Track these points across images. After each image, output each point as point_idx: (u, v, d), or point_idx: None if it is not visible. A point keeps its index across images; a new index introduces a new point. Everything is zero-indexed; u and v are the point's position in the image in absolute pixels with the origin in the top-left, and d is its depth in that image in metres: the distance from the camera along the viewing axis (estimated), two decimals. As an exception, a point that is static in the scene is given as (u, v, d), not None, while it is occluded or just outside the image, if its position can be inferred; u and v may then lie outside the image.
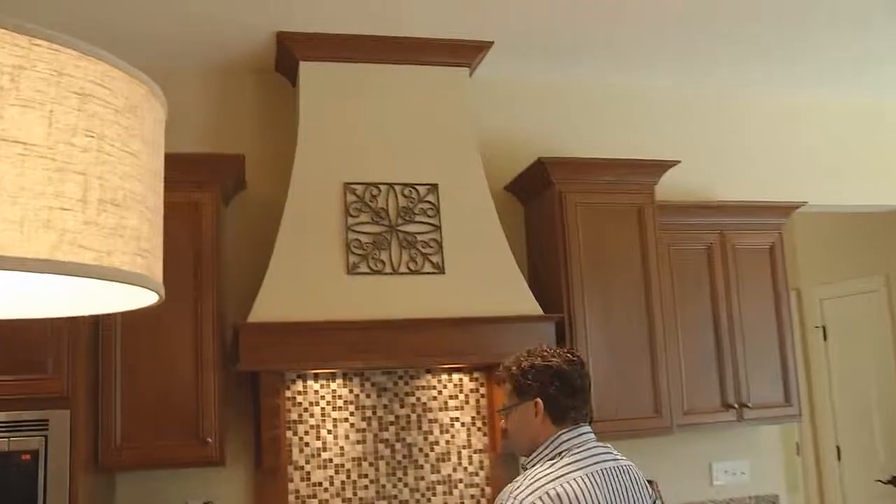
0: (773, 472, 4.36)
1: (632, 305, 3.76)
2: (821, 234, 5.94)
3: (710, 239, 3.99)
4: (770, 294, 4.08)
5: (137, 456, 3.21)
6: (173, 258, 3.22)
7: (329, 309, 3.37)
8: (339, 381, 3.79)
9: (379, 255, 3.52)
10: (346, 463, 3.75)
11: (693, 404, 3.84)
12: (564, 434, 2.06)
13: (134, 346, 3.23)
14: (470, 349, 3.45)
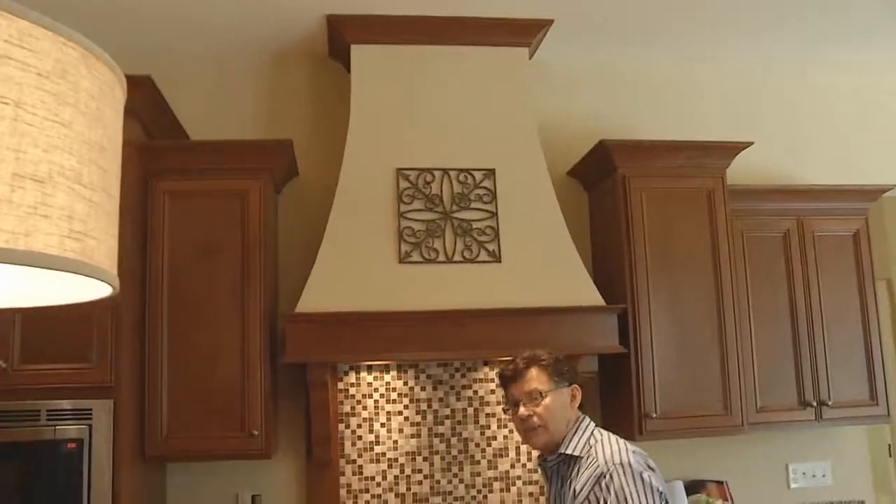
0: (858, 476, 4.07)
1: (701, 296, 3.54)
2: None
3: (787, 225, 3.73)
4: (854, 284, 3.78)
5: (183, 447, 3.16)
6: (220, 248, 3.22)
7: (379, 299, 3.26)
8: (393, 374, 3.68)
9: (432, 243, 3.39)
10: (400, 457, 3.65)
11: (767, 402, 3.60)
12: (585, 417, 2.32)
13: (181, 337, 3.18)
14: (527, 341, 3.24)
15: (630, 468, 2.05)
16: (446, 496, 3.66)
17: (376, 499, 3.62)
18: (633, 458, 2.09)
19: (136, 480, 3.05)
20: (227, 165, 3.32)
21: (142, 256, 3.19)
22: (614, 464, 2.07)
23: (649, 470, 2.10)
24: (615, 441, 2.18)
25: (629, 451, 2.12)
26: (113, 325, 2.94)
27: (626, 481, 2.04)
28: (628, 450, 2.12)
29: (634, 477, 2.04)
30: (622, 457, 2.09)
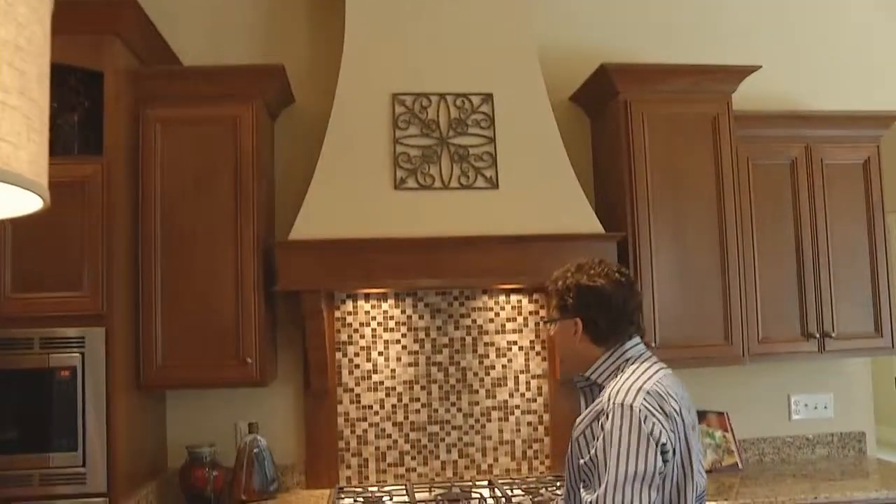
0: (859, 408, 4.04)
1: (704, 225, 3.47)
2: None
3: (795, 153, 3.63)
4: (863, 215, 3.69)
5: (178, 375, 3.16)
6: (213, 176, 3.18)
7: (374, 226, 3.22)
8: (391, 302, 3.65)
9: (428, 169, 3.33)
10: (398, 386, 3.64)
11: (769, 333, 3.55)
12: (628, 343, 2.10)
13: (175, 265, 3.16)
14: (524, 269, 3.25)
15: (630, 411, 1.87)
16: (444, 425, 3.66)
17: (374, 427, 3.62)
18: (639, 401, 1.89)
19: (132, 408, 3.06)
20: (218, 92, 3.25)
21: (134, 185, 3.16)
22: (615, 403, 1.90)
23: (661, 415, 1.89)
24: (637, 377, 1.97)
25: (642, 390, 1.91)
26: (104, 254, 2.91)
27: (621, 424, 1.87)
28: (641, 389, 1.91)
29: (632, 422, 1.86)
30: (627, 397, 1.90)
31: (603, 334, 2.09)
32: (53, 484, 2.84)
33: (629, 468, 1.83)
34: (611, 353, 2.08)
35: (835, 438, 3.97)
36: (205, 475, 3.22)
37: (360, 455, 3.61)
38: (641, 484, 1.83)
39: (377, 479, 3.61)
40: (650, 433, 1.85)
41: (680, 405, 1.96)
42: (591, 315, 2.08)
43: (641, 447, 1.85)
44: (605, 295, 2.07)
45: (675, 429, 1.91)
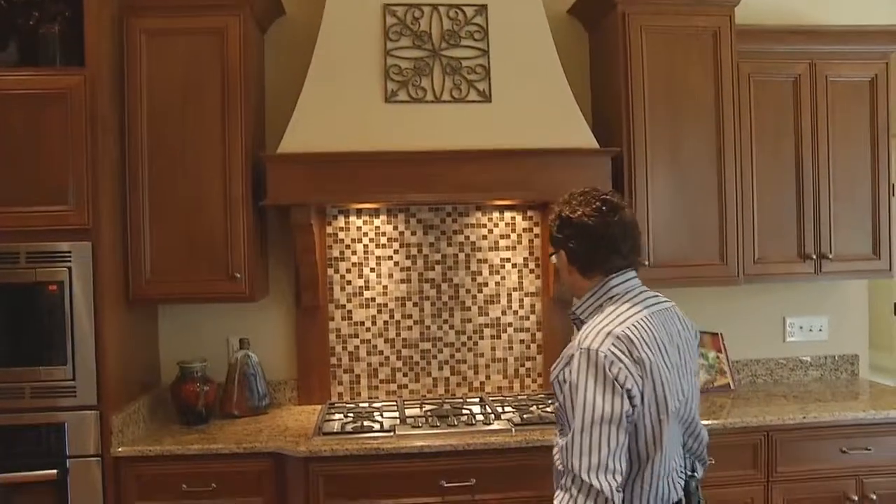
0: (854, 332, 4.01)
1: (702, 142, 3.39)
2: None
3: (799, 70, 3.53)
4: (866, 135, 3.60)
5: (167, 290, 3.16)
6: (201, 89, 3.11)
7: (364, 139, 3.16)
8: (383, 218, 3.62)
9: (420, 81, 3.25)
10: (390, 302, 3.63)
11: (765, 253, 3.51)
12: (613, 280, 2.03)
13: (162, 180, 3.13)
14: (516, 184, 3.19)
15: (595, 356, 1.84)
16: (436, 342, 3.66)
17: (366, 344, 3.62)
18: (606, 346, 1.85)
19: (121, 322, 3.05)
20: (205, 2, 3.16)
21: (119, 98, 3.10)
22: (582, 348, 1.87)
23: (628, 360, 1.84)
24: (611, 319, 1.93)
25: (611, 335, 1.87)
26: (89, 167, 2.87)
27: (587, 369, 1.84)
28: (611, 333, 1.87)
29: (597, 367, 1.83)
30: (592, 342, 1.87)
31: (585, 265, 2.04)
32: (45, 397, 2.86)
33: (595, 412, 1.80)
34: (596, 289, 2.03)
35: (828, 361, 3.96)
36: (196, 390, 3.22)
37: (352, 371, 3.62)
38: (609, 426, 1.80)
39: (369, 396, 3.62)
40: (615, 378, 1.82)
41: (660, 349, 1.92)
42: (572, 246, 2.04)
43: (607, 391, 1.82)
44: (582, 224, 2.01)
45: (643, 374, 1.86)
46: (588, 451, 1.79)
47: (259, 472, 2.94)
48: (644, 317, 1.94)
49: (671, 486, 1.99)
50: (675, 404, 1.94)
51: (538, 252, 3.69)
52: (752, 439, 3.14)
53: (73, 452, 2.85)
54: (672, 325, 2.02)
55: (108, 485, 2.88)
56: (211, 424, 3.24)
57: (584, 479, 1.78)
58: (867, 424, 3.21)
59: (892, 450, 3.23)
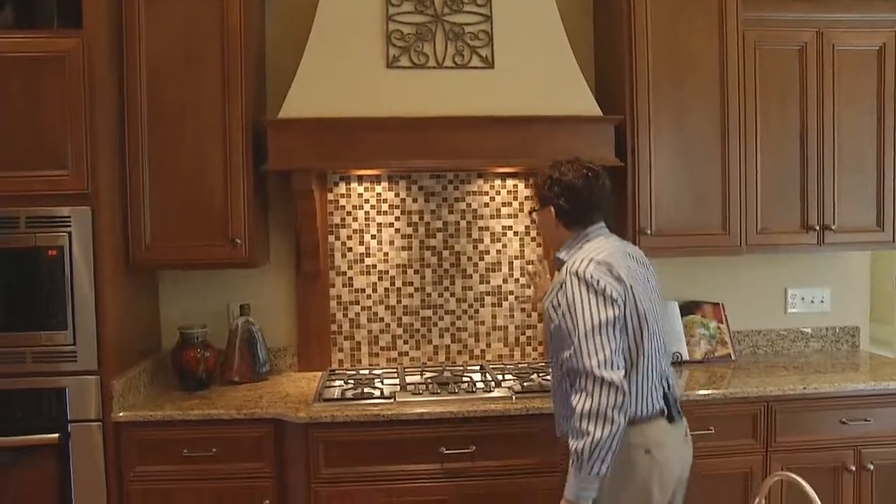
0: (856, 303, 4.01)
1: (705, 110, 3.36)
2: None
3: (805, 38, 3.49)
4: (872, 106, 3.56)
5: (167, 256, 3.14)
6: (200, 53, 3.08)
7: (366, 105, 3.13)
8: (385, 185, 3.60)
9: (422, 47, 3.22)
10: (391, 270, 3.62)
11: (768, 224, 3.49)
12: (590, 227, 2.46)
13: (162, 145, 3.10)
14: (519, 151, 3.17)
15: (584, 275, 2.25)
16: (437, 309, 3.65)
17: (366, 311, 3.62)
18: (590, 269, 2.26)
19: (121, 288, 3.05)
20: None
21: (118, 61, 3.06)
22: (569, 273, 2.28)
23: (610, 278, 2.26)
24: (590, 251, 2.35)
25: (593, 261, 2.28)
26: (88, 132, 2.85)
27: (578, 287, 2.25)
28: (592, 260, 2.29)
29: (588, 284, 2.24)
30: (579, 266, 2.27)
31: (572, 219, 2.45)
32: (46, 361, 2.86)
33: (594, 319, 2.20)
34: (576, 235, 2.44)
35: (829, 332, 3.96)
36: (196, 356, 3.23)
37: (353, 338, 3.62)
38: (608, 328, 2.20)
39: (369, 363, 3.63)
40: (603, 290, 2.23)
41: (630, 270, 2.34)
42: (561, 203, 2.44)
43: (599, 301, 2.22)
44: (571, 186, 2.43)
45: (625, 290, 2.28)
46: (595, 352, 2.17)
47: (259, 437, 2.95)
48: (615, 248, 2.39)
49: (655, 395, 2.36)
50: (652, 317, 2.35)
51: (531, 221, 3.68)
52: (752, 409, 3.14)
53: (74, 417, 2.86)
54: (638, 265, 2.46)
55: (108, 449, 2.89)
56: (211, 390, 3.25)
57: (597, 375, 2.15)
58: (867, 396, 3.21)
59: (890, 421, 3.23)
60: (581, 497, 2.19)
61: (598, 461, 2.15)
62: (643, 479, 2.31)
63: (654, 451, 2.33)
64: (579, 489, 2.18)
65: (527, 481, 2.96)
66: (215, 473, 2.92)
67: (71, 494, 2.86)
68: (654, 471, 2.32)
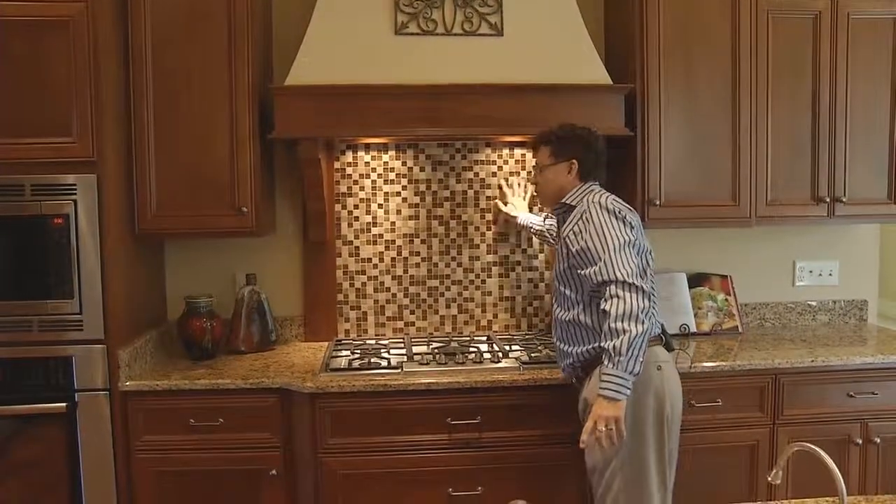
0: (865, 276, 3.99)
1: (717, 80, 3.32)
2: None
3: (820, 6, 3.42)
4: (887, 76, 3.50)
5: (173, 224, 3.12)
6: (207, 16, 3.04)
7: (374, 72, 3.09)
8: (392, 153, 3.57)
9: (430, 13, 3.18)
10: (398, 239, 3.60)
11: (778, 195, 3.45)
12: (590, 182, 2.75)
13: (167, 111, 3.07)
14: (528, 120, 3.13)
15: (606, 204, 2.57)
16: (444, 279, 3.64)
17: (373, 280, 3.61)
18: (610, 200, 2.59)
19: (127, 257, 3.03)
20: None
21: (123, 26, 3.02)
22: (592, 202, 2.59)
23: (625, 209, 2.60)
24: (603, 194, 2.65)
25: (610, 197, 2.62)
26: (93, 99, 2.81)
27: (600, 215, 2.55)
28: (609, 197, 2.62)
29: (609, 211, 2.55)
30: (600, 199, 2.59)
31: (588, 171, 2.73)
32: (52, 330, 2.85)
33: (621, 238, 2.49)
34: (582, 185, 2.71)
35: (837, 305, 3.94)
36: (203, 325, 3.22)
37: (359, 308, 3.61)
38: (630, 249, 2.50)
39: (375, 333, 3.62)
40: (623, 217, 2.55)
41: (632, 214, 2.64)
42: (585, 156, 2.71)
43: (620, 224, 2.53)
44: (590, 142, 2.73)
45: (636, 221, 2.61)
46: (625, 264, 2.44)
47: (266, 407, 2.95)
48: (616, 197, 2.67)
49: (656, 322, 2.64)
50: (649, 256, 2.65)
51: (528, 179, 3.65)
52: (759, 382, 3.13)
53: (81, 386, 2.86)
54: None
55: (115, 418, 2.89)
56: (217, 360, 3.24)
57: (629, 282, 2.42)
58: (875, 369, 3.20)
59: (897, 395, 3.23)
60: (619, 394, 2.38)
61: (633, 359, 2.37)
62: (657, 391, 2.57)
63: (663, 367, 2.60)
64: (618, 386, 2.38)
65: (533, 451, 2.96)
66: (222, 443, 2.93)
67: (79, 463, 2.87)
68: (665, 384, 2.58)
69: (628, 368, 2.37)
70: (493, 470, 2.95)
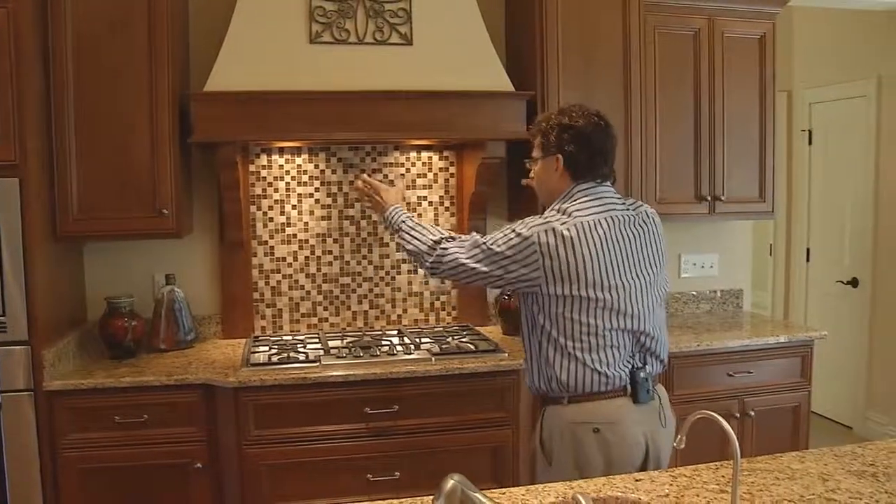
0: (740, 268, 4.38)
1: (610, 88, 3.61)
2: (818, 35, 5.69)
3: (699, 24, 3.77)
4: (756, 88, 3.90)
5: (95, 226, 3.17)
6: (125, 23, 3.09)
7: (289, 79, 3.21)
8: (305, 156, 3.70)
9: (344, 23, 3.32)
10: (311, 239, 3.74)
11: (666, 194, 3.77)
12: (581, 184, 2.32)
13: (88, 116, 3.12)
14: (436, 125, 3.32)
15: (552, 227, 2.21)
16: (356, 277, 3.80)
17: (288, 279, 3.73)
18: (529, 225, 2.25)
19: (49, 259, 3.06)
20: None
21: (43, 32, 3.04)
22: (549, 215, 2.28)
23: (550, 233, 2.21)
24: (549, 216, 2.28)
25: (546, 224, 2.23)
26: (15, 103, 2.83)
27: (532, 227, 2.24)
28: (546, 224, 2.23)
29: (515, 229, 2.26)
30: (528, 222, 2.26)
31: (581, 170, 2.31)
32: (-25, 332, 2.85)
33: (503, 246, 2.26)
34: (566, 194, 2.32)
35: (717, 295, 4.31)
36: (124, 325, 3.27)
37: (274, 306, 3.73)
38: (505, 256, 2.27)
39: (290, 329, 3.74)
40: (519, 234, 2.24)
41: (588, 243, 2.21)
42: (572, 151, 2.30)
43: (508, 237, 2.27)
44: (584, 134, 2.30)
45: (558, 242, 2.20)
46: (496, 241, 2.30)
47: (190, 402, 3.04)
48: (594, 219, 2.24)
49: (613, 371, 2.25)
50: (618, 291, 2.23)
51: (453, 191, 3.86)
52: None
53: (4, 387, 2.87)
54: (630, 231, 2.30)
55: (41, 418, 2.92)
56: (139, 358, 3.30)
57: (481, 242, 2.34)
58: (750, 351, 3.56)
59: (768, 372, 3.60)
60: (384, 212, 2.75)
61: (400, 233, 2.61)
62: (582, 459, 2.22)
63: (602, 430, 2.22)
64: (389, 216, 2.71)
65: (446, 437, 3.16)
66: (147, 439, 3.00)
67: (3, 463, 2.88)
68: (600, 452, 2.22)
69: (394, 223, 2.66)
70: (409, 456, 3.13)
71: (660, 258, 2.37)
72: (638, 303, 2.27)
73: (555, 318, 2.25)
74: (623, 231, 2.27)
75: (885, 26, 5.04)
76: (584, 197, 2.29)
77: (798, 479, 1.88)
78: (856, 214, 5.43)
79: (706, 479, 1.87)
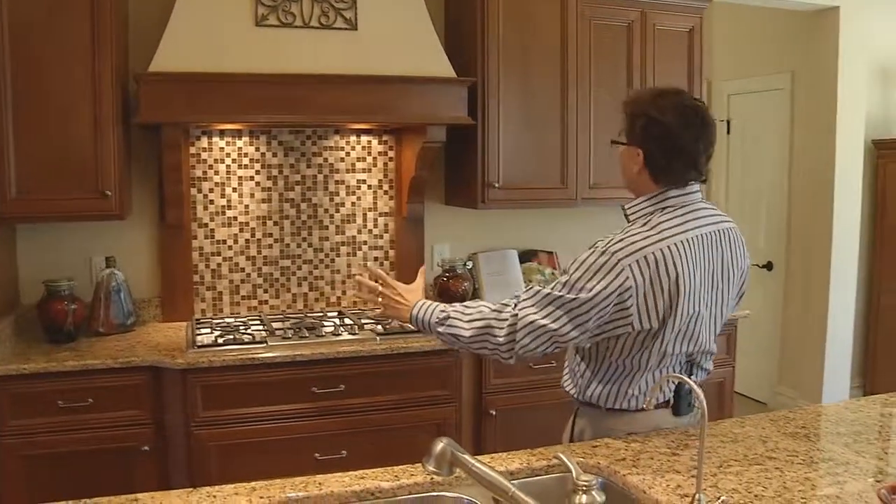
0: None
1: (548, 75, 3.72)
2: (737, 30, 5.93)
3: (632, 16, 3.90)
4: (685, 79, 4.06)
5: (34, 208, 3.10)
6: (66, 7, 3.03)
7: (235, 61, 3.21)
8: (245, 139, 3.69)
9: (289, 7, 3.33)
10: (251, 221, 3.74)
11: (599, 179, 3.90)
12: (673, 191, 2.01)
13: (28, 96, 3.04)
14: (377, 109, 3.36)
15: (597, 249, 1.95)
16: (295, 259, 3.81)
17: (228, 262, 3.72)
18: (625, 261, 1.89)
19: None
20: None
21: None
22: (596, 249, 1.95)
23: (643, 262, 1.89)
24: (636, 237, 1.94)
25: (636, 252, 1.90)
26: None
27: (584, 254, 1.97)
28: (636, 251, 1.90)
29: (594, 253, 1.94)
30: (612, 249, 1.92)
31: (661, 173, 2.01)
32: None
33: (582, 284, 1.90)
34: (654, 195, 2.02)
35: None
36: (64, 309, 3.21)
37: (215, 288, 3.71)
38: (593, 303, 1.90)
39: (231, 312, 3.74)
40: (601, 264, 1.89)
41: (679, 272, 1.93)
42: (652, 149, 2.00)
43: (590, 270, 1.91)
44: (671, 134, 1.97)
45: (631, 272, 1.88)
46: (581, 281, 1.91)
47: (136, 385, 3.01)
48: (685, 240, 1.95)
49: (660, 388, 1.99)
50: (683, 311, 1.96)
51: (392, 174, 3.91)
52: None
53: (-60, 375, 2.81)
54: (718, 249, 2.04)
55: (-23, 405, 2.86)
56: (79, 342, 3.25)
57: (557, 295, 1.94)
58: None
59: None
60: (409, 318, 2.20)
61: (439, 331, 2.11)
62: None
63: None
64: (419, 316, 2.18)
65: (392, 415, 3.24)
66: (92, 423, 2.97)
67: (-58, 452, 2.82)
68: None
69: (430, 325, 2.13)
70: (355, 434, 3.19)
71: (740, 276, 2.16)
72: (707, 328, 2.07)
73: (623, 343, 2.01)
74: (711, 253, 2.02)
75: (800, 24, 5.28)
76: (672, 207, 2.00)
77: (741, 441, 2.02)
78: (771, 202, 5.70)
79: (657, 444, 1.99)
